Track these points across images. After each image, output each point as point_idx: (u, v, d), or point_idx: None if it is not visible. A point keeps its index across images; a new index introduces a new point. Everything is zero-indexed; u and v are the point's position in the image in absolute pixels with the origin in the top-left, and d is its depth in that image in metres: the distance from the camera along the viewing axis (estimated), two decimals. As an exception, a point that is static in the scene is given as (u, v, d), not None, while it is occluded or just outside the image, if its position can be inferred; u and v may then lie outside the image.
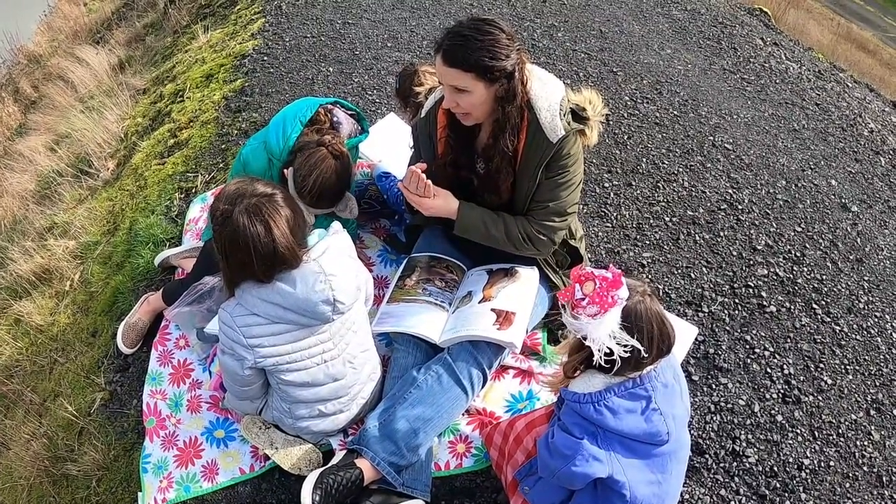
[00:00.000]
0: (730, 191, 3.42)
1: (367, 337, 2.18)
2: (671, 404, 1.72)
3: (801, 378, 2.57)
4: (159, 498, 2.19)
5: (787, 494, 2.22)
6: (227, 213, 1.84)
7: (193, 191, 3.37)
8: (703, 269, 2.97)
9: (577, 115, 2.21)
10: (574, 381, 1.77)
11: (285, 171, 2.36)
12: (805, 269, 3.02)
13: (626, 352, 1.65)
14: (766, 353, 2.63)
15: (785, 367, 2.60)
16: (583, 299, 1.67)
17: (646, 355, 1.66)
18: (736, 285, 2.90)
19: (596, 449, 1.67)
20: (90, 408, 2.62)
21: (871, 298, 2.94)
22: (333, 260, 1.96)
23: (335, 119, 2.55)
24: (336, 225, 2.09)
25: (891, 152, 4.04)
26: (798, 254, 3.09)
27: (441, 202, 2.21)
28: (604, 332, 1.65)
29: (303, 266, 1.91)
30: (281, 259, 1.86)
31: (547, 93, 2.12)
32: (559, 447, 1.71)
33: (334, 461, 2.04)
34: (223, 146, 3.62)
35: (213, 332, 2.21)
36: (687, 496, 2.18)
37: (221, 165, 3.47)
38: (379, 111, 3.77)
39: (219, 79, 4.30)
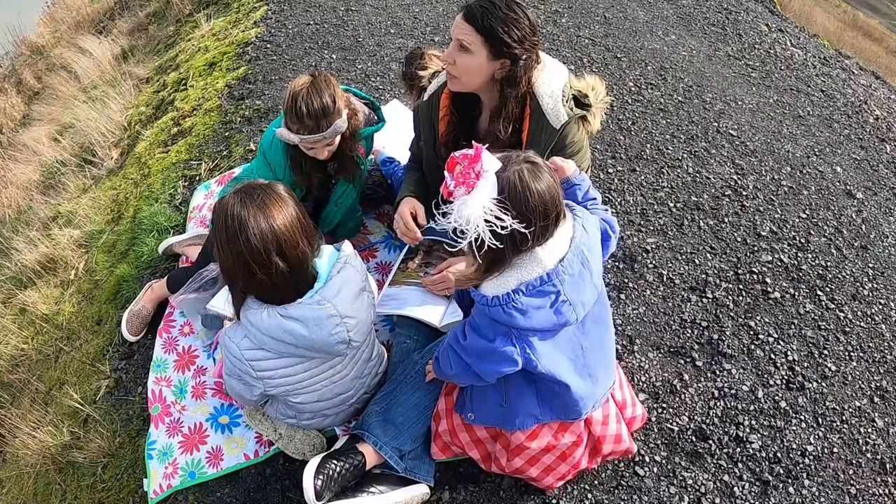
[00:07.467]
0: (734, 177, 3.41)
1: (375, 347, 2.17)
2: (579, 291, 1.70)
3: (805, 364, 2.56)
4: (164, 484, 2.20)
5: (790, 480, 2.22)
6: (223, 202, 1.76)
7: (197, 179, 3.37)
8: (708, 254, 2.96)
9: (580, 101, 2.19)
10: (484, 284, 1.68)
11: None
12: (809, 256, 3.00)
13: (503, 231, 1.54)
14: (770, 340, 2.63)
15: (789, 353, 2.59)
16: (453, 186, 1.56)
17: (524, 231, 1.55)
18: (740, 271, 2.89)
19: (510, 348, 1.69)
20: (95, 395, 2.63)
21: (875, 285, 2.93)
22: (348, 300, 1.88)
23: (352, 106, 2.48)
24: (347, 246, 1.99)
25: (897, 139, 4.02)
26: (803, 240, 3.08)
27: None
28: (474, 211, 1.53)
29: (317, 309, 1.82)
30: (279, 248, 1.72)
31: (549, 78, 2.10)
32: (473, 348, 1.75)
33: (337, 446, 2.05)
34: (226, 134, 3.62)
35: (215, 310, 2.13)
36: (690, 482, 2.18)
37: (225, 153, 3.47)
38: (382, 97, 3.76)
39: (222, 67, 4.29)
